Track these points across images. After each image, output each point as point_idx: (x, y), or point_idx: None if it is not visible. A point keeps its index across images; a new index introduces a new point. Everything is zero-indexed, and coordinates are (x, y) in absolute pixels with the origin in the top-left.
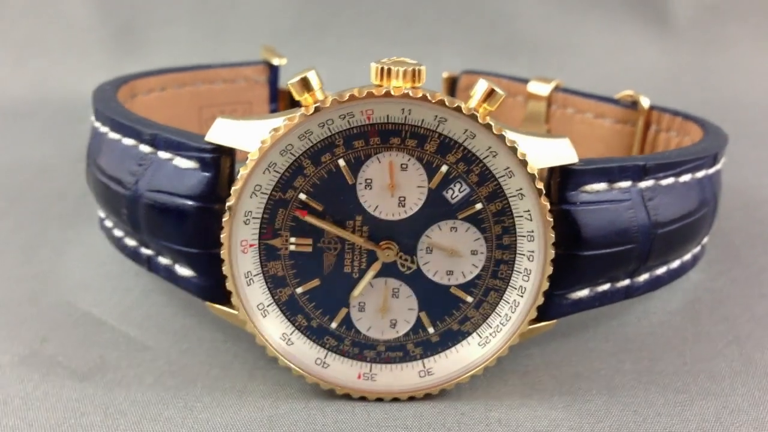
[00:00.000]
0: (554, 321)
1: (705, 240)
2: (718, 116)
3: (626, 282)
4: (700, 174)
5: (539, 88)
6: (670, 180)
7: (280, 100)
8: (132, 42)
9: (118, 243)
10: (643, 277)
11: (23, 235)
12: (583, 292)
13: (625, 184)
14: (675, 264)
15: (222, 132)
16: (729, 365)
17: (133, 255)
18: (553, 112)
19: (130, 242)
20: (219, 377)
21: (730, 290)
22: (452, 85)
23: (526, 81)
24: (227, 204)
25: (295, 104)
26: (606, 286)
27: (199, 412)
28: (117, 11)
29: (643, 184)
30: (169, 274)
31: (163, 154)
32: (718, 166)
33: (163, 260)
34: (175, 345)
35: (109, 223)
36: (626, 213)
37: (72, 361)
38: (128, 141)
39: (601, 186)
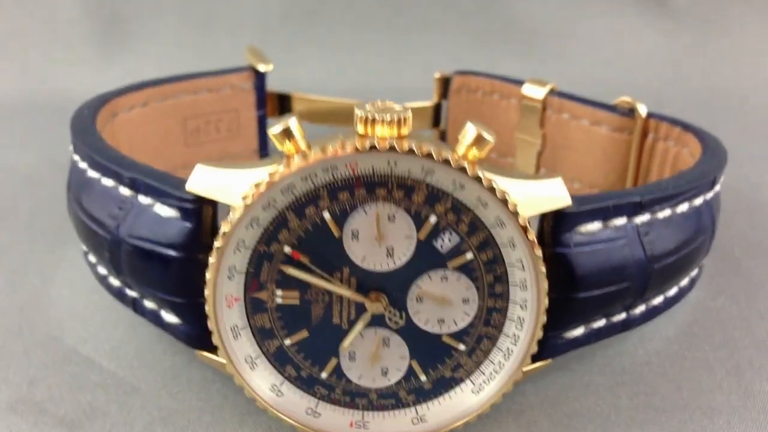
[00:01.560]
0: (548, 361)
1: (703, 262)
2: (719, 101)
3: (622, 316)
4: (698, 201)
5: (534, 92)
6: (667, 212)
7: (268, 105)
8: (119, 34)
9: (102, 281)
10: (640, 309)
11: (8, 257)
12: (579, 331)
13: (621, 221)
14: (672, 292)
15: (203, 181)
16: (727, 399)
17: (118, 295)
18: (548, 117)
19: (115, 282)
20: (210, 424)
21: (729, 309)
22: (444, 86)
23: (521, 83)
24: (210, 260)
25: (285, 107)
26: (602, 322)
27: None
28: (103, 1)
29: (638, 220)
30: (155, 319)
31: (143, 199)
32: (716, 189)
33: (149, 304)
34: (164, 387)
35: (92, 259)
36: (622, 251)
37: (60, 408)
38: (108, 181)
39: (596, 226)
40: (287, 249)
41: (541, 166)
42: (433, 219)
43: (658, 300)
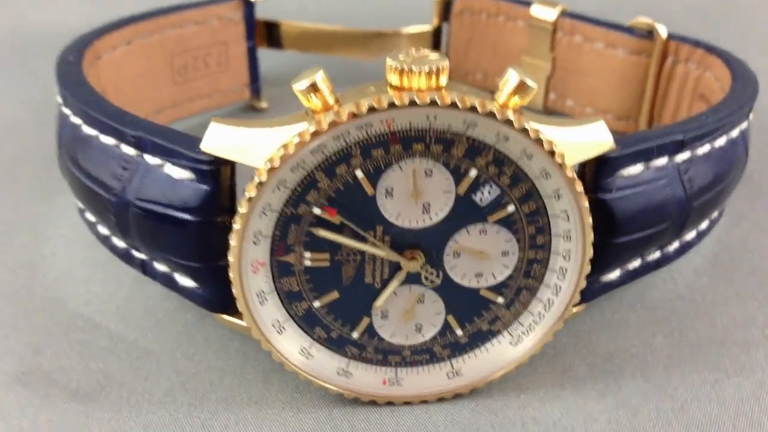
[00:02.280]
0: (584, 306)
1: None
2: (741, 23)
3: (657, 254)
4: (734, 133)
5: (543, 13)
6: (706, 148)
7: (257, 35)
8: None
9: (105, 241)
10: (674, 247)
11: None
12: (615, 274)
13: (662, 161)
14: (704, 225)
15: (220, 140)
16: (762, 332)
17: (124, 257)
18: (559, 40)
19: (120, 243)
20: (233, 386)
21: (755, 237)
22: (445, 8)
23: (528, 3)
24: (234, 227)
25: (273, 36)
26: (637, 263)
27: None
28: None
29: (679, 158)
30: (168, 282)
31: (151, 159)
32: (750, 118)
33: (161, 267)
34: (179, 348)
35: (91, 218)
36: (662, 192)
37: (71, 379)
38: (108, 139)
39: (638, 168)
40: (317, 210)
41: (550, 91)
42: (473, 173)
43: (691, 235)
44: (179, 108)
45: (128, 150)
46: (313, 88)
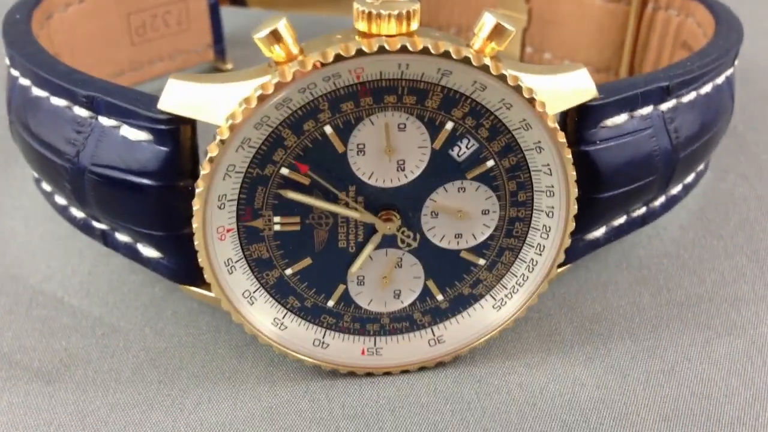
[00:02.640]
0: (568, 266)
1: None
2: None
3: (642, 210)
4: (720, 80)
5: None
6: (692, 95)
7: None
8: None
9: (63, 212)
10: (660, 201)
11: None
12: (600, 231)
13: (647, 110)
14: (690, 179)
15: (178, 98)
16: (751, 288)
17: (83, 228)
18: None
19: (78, 213)
20: (205, 362)
21: (741, 189)
22: None
23: None
24: (196, 190)
25: None
26: (622, 219)
27: (189, 411)
28: None
29: (664, 106)
30: (131, 253)
31: (105, 121)
32: (736, 64)
33: (123, 237)
34: (147, 324)
35: (47, 187)
36: (648, 143)
37: (33, 358)
38: (59, 101)
39: (622, 118)
40: (284, 170)
41: (527, 44)
42: (449, 125)
43: (677, 189)
44: (140, 71)
45: (81, 112)
46: (275, 36)
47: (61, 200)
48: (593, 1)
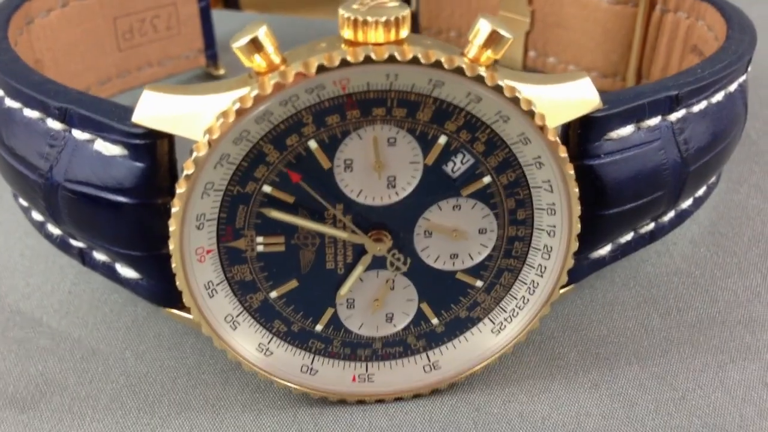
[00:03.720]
0: (572, 286)
1: None
2: None
3: (651, 226)
4: (732, 87)
5: None
6: (703, 104)
7: None
8: None
9: (40, 228)
10: (669, 216)
11: None
12: (605, 249)
13: (654, 120)
14: (701, 192)
15: (154, 110)
16: (767, 309)
17: (60, 245)
18: None
19: (55, 230)
20: (188, 388)
21: (755, 202)
22: None
23: None
24: (172, 210)
25: None
26: (629, 236)
27: None
28: None
29: (673, 117)
30: (109, 273)
31: (79, 134)
32: (749, 70)
33: (101, 256)
34: (128, 347)
35: (24, 202)
36: (656, 156)
37: (8, 383)
38: (31, 113)
39: (628, 129)
40: (266, 188)
41: (530, 48)
42: (442, 139)
43: (687, 203)
44: (127, 77)
45: (54, 124)
46: (255, 45)
47: (37, 216)
48: (599, 3)
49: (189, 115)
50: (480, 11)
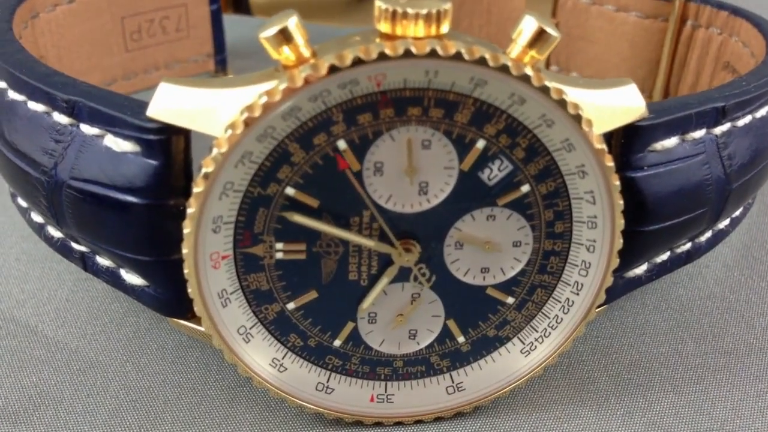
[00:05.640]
0: (605, 306)
1: None
2: None
3: (687, 246)
4: None
5: None
6: (747, 119)
7: None
8: None
9: (39, 231)
10: (706, 236)
11: None
12: (641, 269)
13: (699, 133)
14: (738, 212)
15: (171, 104)
16: None
17: (61, 249)
18: (563, 3)
19: (56, 233)
20: (192, 405)
21: None
22: None
23: None
24: (188, 210)
25: (241, 2)
26: (665, 256)
27: None
28: None
29: (718, 130)
30: (113, 279)
31: (88, 129)
32: None
33: (104, 261)
34: (130, 359)
35: (23, 203)
36: (700, 170)
37: (0, 395)
38: (37, 106)
39: (673, 141)
40: (290, 190)
41: (552, 62)
42: (480, 144)
43: (725, 223)
44: (133, 80)
45: (61, 118)
46: (284, 36)
47: (37, 218)
48: (627, 16)
49: (209, 109)
50: (500, 22)
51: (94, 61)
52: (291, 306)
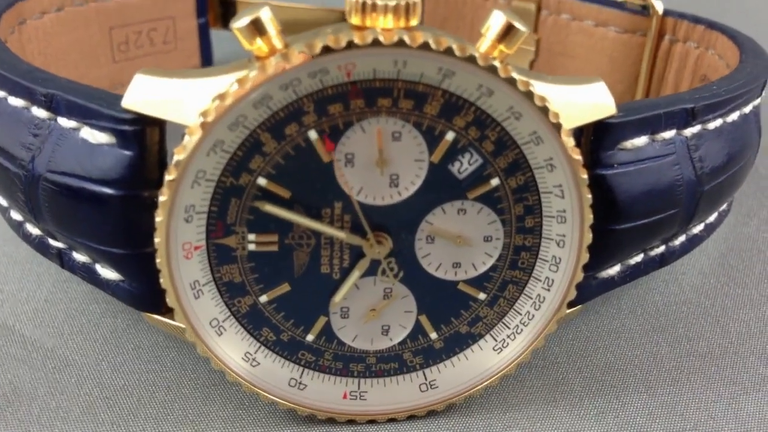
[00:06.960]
0: (580, 307)
1: None
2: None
3: (661, 249)
4: (747, 109)
5: None
6: (718, 122)
7: (210, 12)
8: None
9: (18, 229)
10: (680, 240)
11: None
12: (615, 269)
13: (669, 133)
14: (712, 218)
15: (145, 94)
16: None
17: (39, 246)
18: (544, 20)
19: (34, 230)
20: (166, 402)
21: (766, 236)
22: None
23: None
24: (160, 198)
25: (229, 16)
26: (639, 258)
27: None
28: None
29: (688, 132)
30: (89, 275)
31: (65, 122)
32: (763, 94)
33: (80, 257)
34: (105, 358)
35: (3, 202)
36: (670, 171)
37: None
38: (16, 101)
39: (642, 140)
40: (262, 181)
41: None
42: (450, 136)
43: (698, 228)
44: (120, 90)
45: (39, 113)
46: (257, 27)
47: (16, 215)
48: (606, 32)
49: (182, 99)
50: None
51: (81, 71)
52: (264, 299)
